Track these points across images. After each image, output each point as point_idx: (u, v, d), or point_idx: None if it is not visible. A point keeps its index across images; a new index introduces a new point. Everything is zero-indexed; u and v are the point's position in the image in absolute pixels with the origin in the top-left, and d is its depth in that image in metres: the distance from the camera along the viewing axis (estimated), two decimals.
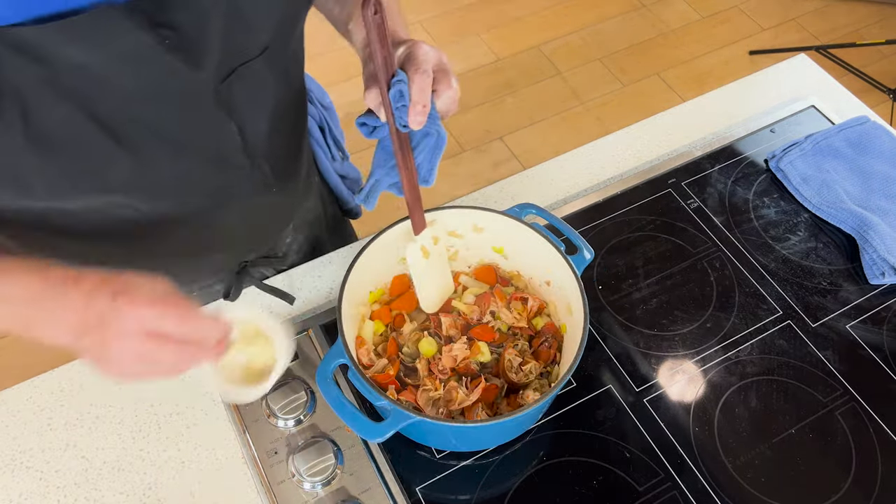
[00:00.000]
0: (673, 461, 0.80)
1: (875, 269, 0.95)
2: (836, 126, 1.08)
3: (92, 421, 0.82)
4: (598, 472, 0.79)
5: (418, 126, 0.66)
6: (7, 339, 1.89)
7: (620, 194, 1.04)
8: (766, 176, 1.07)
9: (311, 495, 0.76)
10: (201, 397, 0.84)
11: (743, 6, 2.83)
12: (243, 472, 0.79)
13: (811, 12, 2.82)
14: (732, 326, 0.91)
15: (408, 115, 0.66)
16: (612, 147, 1.10)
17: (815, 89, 1.17)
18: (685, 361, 0.88)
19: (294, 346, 0.75)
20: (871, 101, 2.45)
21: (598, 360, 0.88)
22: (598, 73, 2.61)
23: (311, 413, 0.82)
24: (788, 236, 1.00)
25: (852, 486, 0.79)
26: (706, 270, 0.96)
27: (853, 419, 0.84)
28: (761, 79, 1.19)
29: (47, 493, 0.77)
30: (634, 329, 0.91)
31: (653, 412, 0.84)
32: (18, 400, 0.83)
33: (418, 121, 0.66)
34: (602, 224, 1.01)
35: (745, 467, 0.80)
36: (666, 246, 0.99)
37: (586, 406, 0.84)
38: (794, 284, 0.95)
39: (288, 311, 0.91)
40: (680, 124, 1.13)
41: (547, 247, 0.80)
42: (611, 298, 0.93)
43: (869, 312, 0.93)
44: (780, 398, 0.85)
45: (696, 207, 1.03)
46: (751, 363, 0.88)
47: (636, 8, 2.83)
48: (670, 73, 2.62)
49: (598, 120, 2.48)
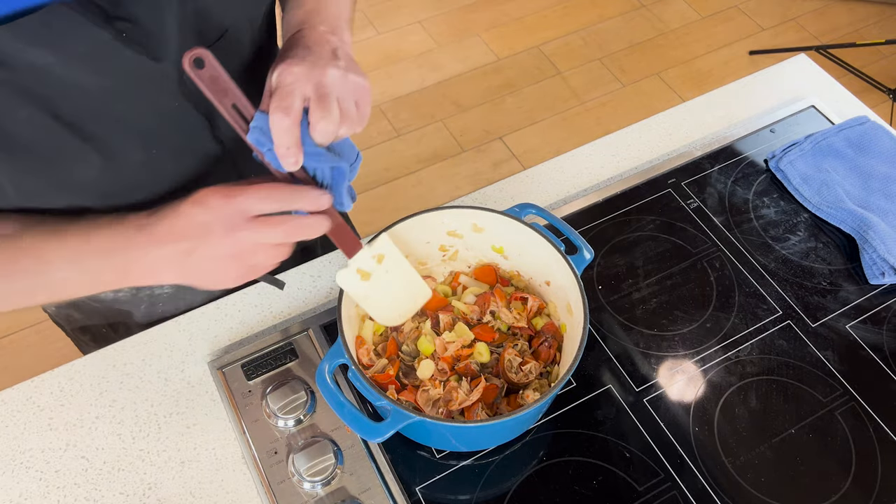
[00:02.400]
0: (673, 461, 0.80)
1: (875, 269, 0.95)
2: (836, 126, 1.08)
3: (92, 421, 0.82)
4: (598, 472, 0.79)
5: (294, 167, 0.60)
6: (7, 338, 1.89)
7: (620, 194, 1.04)
8: (766, 176, 1.07)
9: (311, 495, 0.76)
10: (201, 397, 0.84)
11: (743, 6, 2.83)
12: (243, 472, 0.79)
13: (811, 12, 2.82)
14: (732, 326, 0.91)
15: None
16: (612, 147, 1.10)
17: (815, 89, 1.17)
18: (685, 361, 0.88)
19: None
20: (871, 101, 2.45)
21: (598, 360, 0.88)
22: (597, 73, 2.61)
23: (311, 413, 0.82)
24: (788, 236, 1.00)
25: (852, 486, 0.79)
26: (706, 270, 0.97)
27: (853, 419, 0.84)
28: (761, 79, 1.19)
29: (47, 493, 0.77)
30: (634, 329, 0.91)
31: (653, 412, 0.84)
32: (18, 400, 0.83)
33: (290, 163, 0.60)
34: (602, 224, 1.01)
35: (745, 467, 0.80)
36: (666, 246, 0.99)
37: (586, 406, 0.84)
38: (794, 284, 0.95)
39: (288, 311, 0.91)
40: (680, 124, 1.13)
41: (547, 247, 0.80)
42: (611, 298, 0.93)
43: (869, 312, 0.93)
44: (780, 398, 0.85)
45: (696, 207, 1.03)
46: (751, 363, 0.88)
47: (636, 8, 2.83)
48: (670, 73, 2.62)
49: (598, 120, 2.48)
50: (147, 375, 0.86)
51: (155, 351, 0.88)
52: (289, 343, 0.87)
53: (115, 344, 0.88)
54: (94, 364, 0.86)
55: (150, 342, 0.88)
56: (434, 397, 0.77)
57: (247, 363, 0.85)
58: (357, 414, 0.69)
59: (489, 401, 0.78)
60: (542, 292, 0.86)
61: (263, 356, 0.85)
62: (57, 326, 1.00)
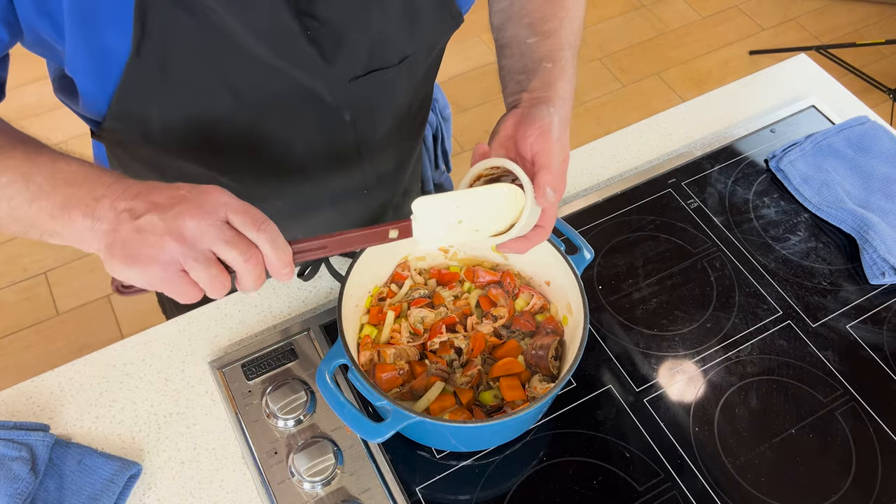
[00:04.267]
0: (673, 461, 0.80)
1: (875, 269, 0.95)
2: (837, 126, 1.08)
3: (92, 421, 0.82)
4: (598, 472, 0.79)
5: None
6: (7, 338, 1.89)
7: (620, 194, 1.04)
8: (766, 176, 1.07)
9: (311, 495, 0.76)
10: (201, 397, 0.84)
11: (743, 6, 2.83)
12: (243, 472, 0.79)
13: (811, 12, 2.82)
14: (732, 326, 0.91)
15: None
16: (611, 147, 1.10)
17: (815, 89, 1.17)
18: (685, 361, 0.88)
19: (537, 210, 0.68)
20: (871, 101, 2.45)
21: (598, 360, 0.88)
22: (597, 73, 2.61)
23: (311, 413, 0.82)
24: (788, 236, 1.00)
25: (852, 486, 0.79)
26: (706, 270, 0.96)
27: (853, 419, 0.84)
28: (761, 79, 1.19)
29: None
30: (634, 329, 0.91)
31: (653, 412, 0.84)
32: (18, 400, 0.83)
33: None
34: (602, 224, 1.01)
35: (745, 467, 0.80)
36: (666, 246, 0.99)
37: (586, 406, 0.84)
38: (794, 284, 0.95)
39: (288, 311, 0.91)
40: (680, 124, 1.13)
41: (547, 246, 0.80)
42: (611, 298, 0.93)
43: (869, 312, 0.93)
44: (780, 398, 0.85)
45: (696, 207, 1.03)
46: (751, 363, 0.88)
47: (636, 8, 2.82)
48: (670, 73, 2.61)
49: (598, 120, 2.48)
50: (147, 375, 0.86)
51: (155, 351, 0.88)
52: (289, 343, 0.87)
53: (115, 344, 0.88)
54: (94, 364, 0.86)
55: (150, 342, 0.88)
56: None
57: (247, 363, 0.85)
58: (357, 414, 0.69)
59: (483, 348, 0.80)
60: (543, 292, 0.86)
61: (263, 356, 0.85)
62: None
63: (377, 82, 0.69)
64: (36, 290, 1.97)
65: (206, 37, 0.59)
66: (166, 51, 0.59)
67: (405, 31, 0.67)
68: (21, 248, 2.04)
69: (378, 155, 0.80)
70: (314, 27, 0.61)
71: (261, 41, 0.60)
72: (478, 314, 0.84)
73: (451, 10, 0.69)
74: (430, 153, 1.06)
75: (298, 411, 0.81)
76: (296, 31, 0.61)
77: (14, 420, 0.80)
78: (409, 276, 0.86)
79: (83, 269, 2.00)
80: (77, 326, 1.91)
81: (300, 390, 0.82)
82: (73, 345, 1.87)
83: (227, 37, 0.59)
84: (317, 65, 0.64)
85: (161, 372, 0.86)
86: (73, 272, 2.00)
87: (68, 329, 1.90)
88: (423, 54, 0.73)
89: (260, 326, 0.90)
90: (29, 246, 2.04)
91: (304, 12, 0.60)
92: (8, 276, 1.99)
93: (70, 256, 2.02)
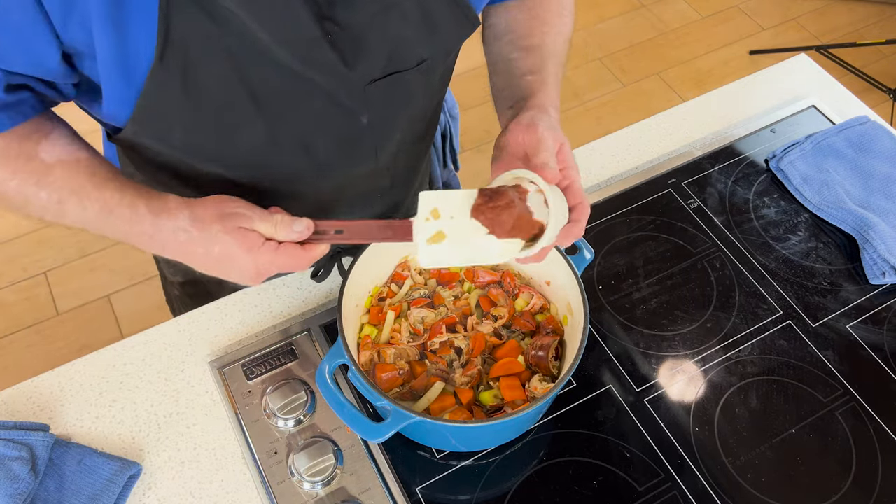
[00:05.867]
0: (673, 461, 0.80)
1: (875, 269, 0.95)
2: (837, 126, 1.08)
3: (92, 421, 0.82)
4: (598, 472, 0.79)
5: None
6: (7, 338, 1.89)
7: (620, 194, 1.04)
8: (767, 176, 1.07)
9: (311, 495, 0.76)
10: (201, 397, 0.84)
11: (743, 6, 2.83)
12: (243, 472, 0.79)
13: (811, 12, 2.82)
14: (733, 326, 0.91)
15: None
16: (611, 147, 1.10)
17: (816, 89, 1.17)
18: (685, 361, 0.88)
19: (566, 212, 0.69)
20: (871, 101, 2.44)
21: (598, 360, 0.88)
22: (598, 72, 2.61)
23: (311, 413, 0.82)
24: (789, 236, 1.00)
25: (852, 486, 0.79)
26: (706, 270, 0.96)
27: (853, 419, 0.84)
28: (761, 79, 1.19)
29: None
30: (634, 329, 0.91)
31: (653, 412, 0.84)
32: (18, 400, 0.83)
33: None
34: (602, 224, 1.01)
35: (745, 467, 0.80)
36: (666, 246, 0.99)
37: (586, 406, 0.84)
38: (794, 284, 0.95)
39: (288, 311, 0.91)
40: (680, 124, 1.13)
41: None
42: (611, 298, 0.93)
43: (869, 312, 0.93)
44: (780, 398, 0.85)
45: (697, 207, 1.03)
46: (751, 363, 0.88)
47: (636, 8, 2.82)
48: (670, 73, 2.61)
49: (599, 120, 2.47)
50: (147, 375, 0.86)
51: (155, 351, 0.88)
52: (289, 343, 0.87)
53: (115, 344, 0.88)
54: (94, 364, 0.86)
55: (150, 342, 0.88)
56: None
57: (247, 363, 0.85)
58: (357, 414, 0.69)
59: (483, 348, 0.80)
60: (543, 292, 0.86)
61: (263, 356, 0.85)
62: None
63: (394, 86, 0.70)
64: (36, 290, 1.97)
65: (228, 43, 0.60)
66: (188, 57, 0.60)
67: (423, 34, 0.68)
68: (21, 248, 2.04)
69: (393, 158, 0.80)
70: (335, 32, 0.62)
71: (283, 46, 0.61)
72: (478, 314, 0.84)
73: (467, 13, 0.70)
74: (438, 152, 1.07)
75: (298, 411, 0.81)
76: (317, 36, 0.61)
77: (14, 420, 0.80)
78: (409, 275, 0.86)
79: (83, 269, 2.00)
80: (77, 326, 1.91)
81: (300, 390, 0.82)
82: (73, 345, 1.87)
83: (250, 43, 0.60)
84: (337, 69, 0.65)
85: (161, 372, 0.86)
86: (73, 272, 2.00)
87: (68, 329, 1.90)
88: (441, 58, 0.73)
89: (260, 326, 0.90)
90: (29, 246, 2.04)
91: (326, 17, 0.61)
92: (8, 276, 1.99)
93: (70, 256, 2.02)
